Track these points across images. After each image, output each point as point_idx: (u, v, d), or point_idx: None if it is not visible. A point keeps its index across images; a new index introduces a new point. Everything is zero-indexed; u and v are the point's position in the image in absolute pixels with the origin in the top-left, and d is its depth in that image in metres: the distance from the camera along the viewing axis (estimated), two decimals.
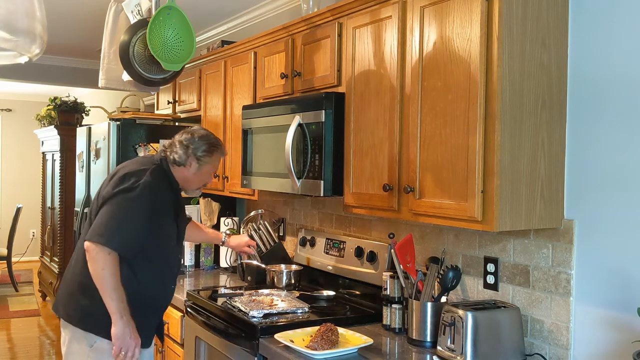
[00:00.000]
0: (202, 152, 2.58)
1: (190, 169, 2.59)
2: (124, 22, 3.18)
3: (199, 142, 2.59)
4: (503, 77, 1.90)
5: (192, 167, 2.59)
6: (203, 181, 2.67)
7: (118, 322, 2.31)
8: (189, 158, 2.57)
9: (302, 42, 2.84)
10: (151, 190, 2.43)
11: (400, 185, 2.23)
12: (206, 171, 2.63)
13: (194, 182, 2.64)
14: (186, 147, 2.57)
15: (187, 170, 2.59)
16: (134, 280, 2.43)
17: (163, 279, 2.57)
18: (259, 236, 3.43)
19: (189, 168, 2.58)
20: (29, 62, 1.56)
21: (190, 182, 2.64)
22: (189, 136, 2.60)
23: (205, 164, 2.60)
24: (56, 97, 7.06)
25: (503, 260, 2.27)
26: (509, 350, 2.07)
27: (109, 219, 2.37)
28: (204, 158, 2.58)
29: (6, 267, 7.93)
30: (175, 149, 2.58)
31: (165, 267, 2.56)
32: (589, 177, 2.02)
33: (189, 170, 2.59)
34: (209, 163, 2.61)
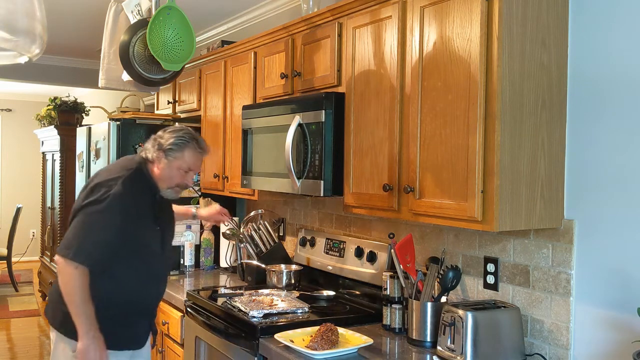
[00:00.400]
0: (169, 145, 2.45)
1: (160, 165, 2.48)
2: (124, 22, 3.18)
3: (168, 136, 2.48)
4: (503, 77, 1.90)
5: (160, 162, 2.47)
6: (174, 180, 2.50)
7: (83, 337, 2.27)
8: (157, 152, 2.47)
9: (302, 42, 2.84)
10: (121, 201, 2.35)
11: (400, 185, 2.23)
12: (176, 167, 2.47)
13: (164, 180, 2.50)
14: (154, 141, 2.49)
15: (157, 167, 2.48)
16: (117, 287, 2.41)
17: (147, 284, 2.51)
18: (259, 236, 3.43)
19: (157, 164, 2.48)
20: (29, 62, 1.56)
21: (160, 180, 2.50)
22: (161, 132, 2.53)
23: (175, 160, 2.46)
24: (56, 97, 7.06)
25: (503, 260, 2.27)
26: (509, 350, 2.07)
27: (77, 233, 2.33)
28: (171, 152, 2.45)
29: (6, 267, 7.93)
30: (148, 145, 2.51)
31: (148, 271, 2.50)
32: (589, 177, 2.02)
33: (158, 166, 2.48)
34: (178, 159, 2.46)
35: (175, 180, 2.50)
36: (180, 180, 2.51)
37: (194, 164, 2.52)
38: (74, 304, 2.29)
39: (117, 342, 2.44)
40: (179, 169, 2.48)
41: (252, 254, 3.38)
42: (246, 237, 3.43)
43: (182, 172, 2.49)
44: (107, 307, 2.39)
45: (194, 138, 2.51)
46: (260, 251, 3.38)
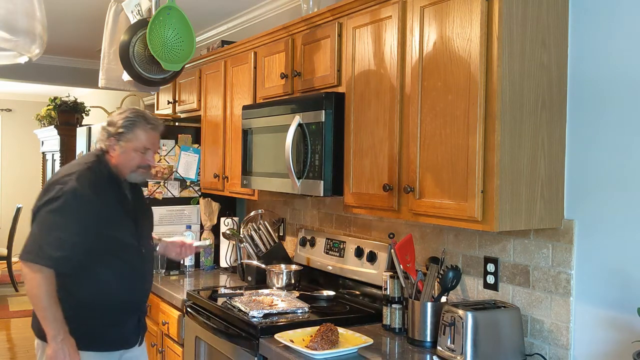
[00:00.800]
0: (118, 128, 2.37)
1: (114, 152, 2.40)
2: (124, 22, 3.18)
3: (115, 119, 2.40)
4: (503, 77, 1.89)
5: (115, 149, 2.40)
6: (133, 162, 2.42)
7: (51, 343, 2.22)
8: (109, 140, 2.40)
9: (302, 42, 2.84)
10: (77, 197, 2.28)
11: (400, 185, 2.23)
12: (132, 149, 2.40)
13: (123, 166, 2.42)
14: (104, 129, 2.41)
15: (112, 154, 2.41)
16: (98, 287, 2.36)
17: (128, 281, 2.44)
18: (259, 236, 3.43)
19: (112, 151, 2.40)
20: (29, 62, 1.56)
21: (120, 167, 2.42)
22: (109, 118, 2.45)
23: (128, 142, 2.39)
24: (56, 97, 7.06)
25: (503, 260, 2.27)
26: (509, 350, 2.07)
27: (35, 235, 2.27)
28: (123, 135, 2.38)
29: (6, 267, 7.93)
30: (100, 135, 2.43)
31: (128, 267, 2.43)
32: (589, 177, 2.01)
33: (113, 154, 2.40)
34: (131, 140, 2.39)
35: (135, 162, 2.42)
36: (141, 162, 2.43)
37: (149, 142, 2.43)
38: (40, 308, 2.23)
39: (105, 344, 2.41)
40: (135, 151, 2.41)
41: (252, 254, 3.38)
42: (246, 237, 3.43)
43: (140, 153, 2.42)
44: (92, 309, 2.36)
45: (141, 115, 2.43)
46: (260, 251, 3.38)
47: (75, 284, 2.33)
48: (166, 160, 3.92)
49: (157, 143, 2.50)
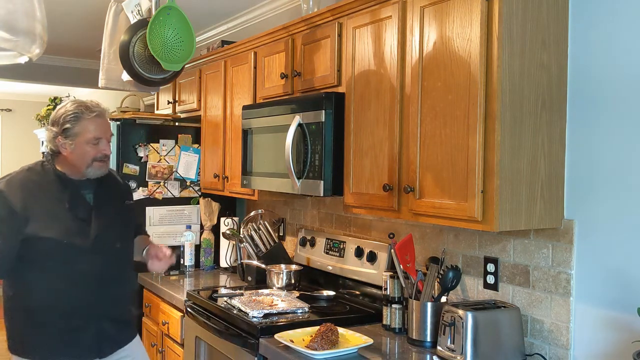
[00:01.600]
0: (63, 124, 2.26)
1: (65, 150, 2.28)
2: (124, 22, 3.18)
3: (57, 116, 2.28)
4: (503, 77, 1.89)
5: (65, 147, 2.28)
6: (89, 156, 2.29)
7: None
8: (55, 139, 2.28)
9: (302, 42, 2.84)
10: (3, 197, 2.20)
11: (400, 185, 2.23)
12: (84, 142, 2.27)
13: (78, 162, 2.30)
14: (49, 131, 2.30)
15: (64, 153, 2.29)
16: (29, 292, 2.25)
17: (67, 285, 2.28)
18: (259, 236, 3.43)
19: (63, 150, 2.29)
20: (29, 62, 1.56)
21: (75, 164, 2.30)
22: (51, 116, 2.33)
23: (77, 136, 2.27)
24: (56, 97, 7.07)
25: (503, 260, 2.27)
26: (509, 350, 2.07)
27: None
28: (68, 130, 2.26)
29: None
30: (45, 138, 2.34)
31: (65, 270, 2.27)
32: (588, 177, 2.01)
33: (65, 152, 2.29)
34: (79, 133, 2.26)
35: (89, 156, 2.30)
36: (95, 154, 2.30)
37: (97, 131, 2.30)
38: None
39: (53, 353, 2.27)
40: (87, 143, 2.28)
41: (252, 254, 3.38)
42: (246, 237, 3.43)
43: (92, 144, 2.29)
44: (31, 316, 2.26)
45: (82, 105, 2.31)
46: (260, 251, 3.38)
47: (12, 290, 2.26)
48: (166, 160, 3.93)
49: (107, 130, 2.36)
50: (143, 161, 3.90)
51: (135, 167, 3.89)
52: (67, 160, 2.31)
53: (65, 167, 2.34)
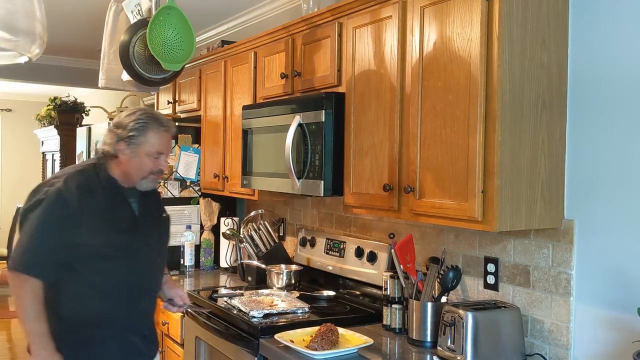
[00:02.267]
0: (129, 131, 2.18)
1: (124, 156, 2.20)
2: (124, 22, 3.18)
3: (125, 121, 2.20)
4: (503, 77, 1.89)
5: (125, 154, 2.20)
6: (146, 168, 2.23)
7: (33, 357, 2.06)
8: (117, 144, 2.20)
9: (302, 42, 2.84)
10: (62, 198, 2.11)
11: (401, 185, 2.23)
12: (144, 154, 2.20)
13: (134, 172, 2.22)
14: (111, 132, 2.22)
15: (122, 159, 2.21)
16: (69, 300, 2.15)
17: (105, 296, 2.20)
18: (259, 236, 3.43)
19: (122, 156, 2.20)
20: (29, 62, 1.56)
21: (130, 173, 2.22)
22: (115, 121, 2.25)
23: (140, 146, 2.19)
24: (56, 97, 7.06)
25: (503, 260, 2.27)
26: (509, 350, 2.06)
27: (21, 242, 2.12)
28: (134, 139, 2.18)
29: (6, 267, 7.92)
30: (106, 139, 2.23)
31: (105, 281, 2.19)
32: (589, 177, 2.01)
33: (123, 158, 2.21)
34: (143, 144, 2.19)
35: (146, 168, 2.23)
36: (153, 167, 2.24)
37: (161, 146, 2.24)
38: (24, 320, 2.08)
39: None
40: (147, 155, 2.21)
41: (252, 254, 3.38)
42: (246, 237, 3.43)
43: (152, 158, 2.22)
44: (68, 325, 2.16)
45: (153, 117, 2.24)
46: (260, 251, 3.38)
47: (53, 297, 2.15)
48: None
49: (169, 146, 2.31)
50: None
51: None
52: (122, 166, 2.23)
53: (118, 173, 2.25)
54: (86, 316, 2.18)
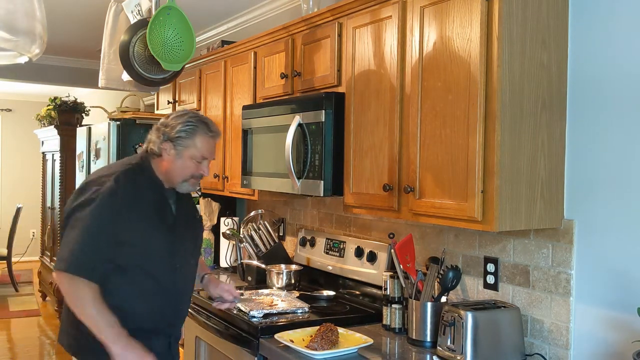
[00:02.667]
0: (177, 132, 2.16)
1: (168, 157, 2.19)
2: (124, 22, 3.18)
3: (173, 122, 2.18)
4: (503, 77, 1.89)
5: (169, 154, 2.18)
6: (188, 171, 2.21)
7: (112, 349, 2.02)
8: (163, 143, 2.18)
9: (302, 42, 2.84)
10: (112, 199, 2.08)
11: (400, 185, 2.23)
12: (189, 157, 2.19)
13: (176, 174, 2.20)
14: (158, 131, 2.19)
15: (165, 159, 2.19)
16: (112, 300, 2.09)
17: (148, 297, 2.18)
18: (259, 236, 3.43)
19: (166, 155, 2.19)
20: (29, 62, 1.56)
21: (172, 174, 2.20)
22: (163, 119, 2.22)
23: (185, 149, 2.18)
24: (56, 97, 7.07)
25: (503, 260, 2.27)
26: (509, 350, 2.07)
27: (69, 241, 2.07)
28: (180, 141, 2.17)
29: (6, 267, 7.93)
30: (152, 137, 2.21)
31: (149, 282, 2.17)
32: (589, 177, 2.01)
33: (167, 159, 2.19)
34: (189, 147, 2.18)
35: (189, 171, 2.21)
36: (195, 171, 2.22)
37: (207, 151, 2.22)
38: (89, 318, 2.03)
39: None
40: (191, 159, 2.19)
41: (252, 254, 3.38)
42: (246, 237, 3.43)
43: (196, 161, 2.21)
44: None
45: (202, 121, 2.22)
46: (260, 251, 3.38)
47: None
48: None
49: (214, 152, 2.27)
50: None
51: None
52: (164, 167, 2.21)
53: (160, 172, 2.23)
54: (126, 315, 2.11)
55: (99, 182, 2.12)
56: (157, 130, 2.22)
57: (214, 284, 2.53)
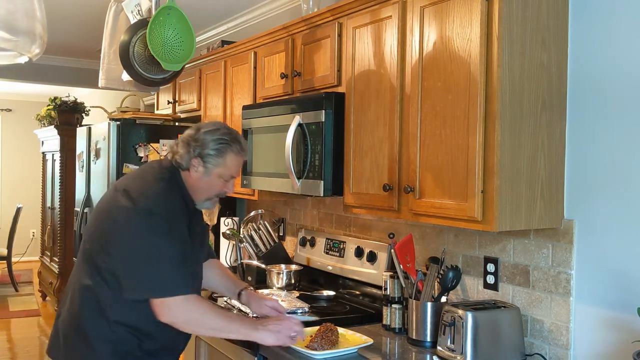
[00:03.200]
0: (209, 150, 2.06)
1: (196, 174, 2.08)
2: (124, 22, 3.18)
3: (204, 138, 2.08)
4: (503, 77, 1.89)
5: (197, 171, 2.08)
6: (214, 190, 2.13)
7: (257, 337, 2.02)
8: (192, 159, 2.07)
9: (302, 42, 2.84)
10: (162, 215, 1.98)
11: (400, 185, 2.23)
12: (217, 175, 2.10)
13: (202, 191, 2.12)
14: (187, 145, 2.08)
15: (192, 175, 2.09)
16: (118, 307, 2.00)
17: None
18: (259, 236, 3.43)
19: (193, 172, 2.08)
20: (29, 62, 1.56)
21: (197, 191, 2.11)
22: (193, 131, 2.10)
23: (215, 167, 2.08)
24: (56, 97, 7.07)
25: (503, 260, 2.27)
26: (509, 350, 2.07)
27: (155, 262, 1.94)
28: (211, 159, 2.07)
29: (6, 267, 7.93)
30: (178, 148, 2.11)
31: None
32: (589, 177, 2.01)
33: (194, 175, 2.09)
34: (219, 166, 2.08)
35: (215, 189, 2.13)
36: (221, 189, 2.14)
37: (236, 170, 2.14)
38: (219, 326, 2.01)
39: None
40: (220, 177, 2.10)
41: (252, 254, 3.38)
42: (246, 237, 3.43)
43: (223, 180, 2.12)
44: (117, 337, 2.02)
45: (235, 139, 2.11)
46: (260, 251, 3.38)
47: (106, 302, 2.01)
48: None
49: (239, 171, 2.18)
50: (143, 161, 3.90)
51: (135, 167, 3.89)
52: (190, 182, 2.10)
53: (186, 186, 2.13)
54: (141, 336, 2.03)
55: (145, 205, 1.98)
56: (186, 144, 2.09)
57: (257, 303, 2.34)
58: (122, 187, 2.05)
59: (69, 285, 2.15)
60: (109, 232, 2.01)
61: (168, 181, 2.07)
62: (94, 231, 2.07)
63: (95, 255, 2.03)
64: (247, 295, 2.37)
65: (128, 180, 2.10)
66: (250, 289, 2.42)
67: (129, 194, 2.01)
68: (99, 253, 2.02)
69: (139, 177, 2.12)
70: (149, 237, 1.95)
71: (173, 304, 1.95)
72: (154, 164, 2.18)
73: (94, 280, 2.02)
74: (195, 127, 2.13)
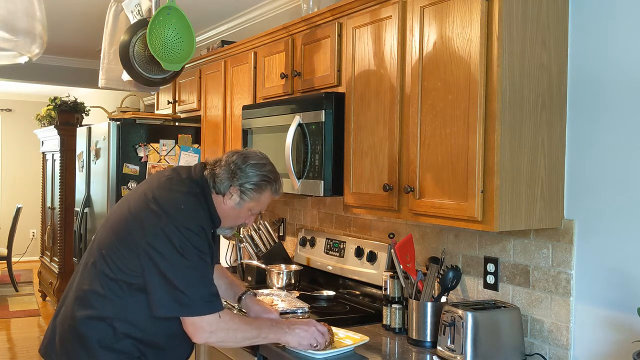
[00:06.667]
0: (250, 184, 2.05)
1: (229, 201, 2.07)
2: (124, 22, 3.18)
3: (249, 171, 2.06)
4: (503, 77, 1.90)
5: (231, 199, 2.06)
6: (240, 220, 2.14)
7: (287, 338, 2.06)
8: (231, 187, 2.05)
9: (302, 42, 2.84)
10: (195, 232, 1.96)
11: (401, 185, 2.23)
12: (248, 208, 2.10)
13: (230, 220, 2.12)
14: (232, 173, 2.05)
15: (225, 202, 2.07)
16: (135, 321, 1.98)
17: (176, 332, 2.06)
18: (259, 236, 3.43)
19: (228, 199, 2.06)
20: (29, 62, 1.56)
21: (224, 218, 2.10)
22: (240, 160, 2.07)
23: (249, 201, 2.07)
24: (56, 97, 7.07)
25: (503, 260, 2.27)
26: (509, 350, 2.07)
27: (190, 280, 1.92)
28: (249, 192, 2.06)
29: (6, 267, 7.93)
30: (219, 171, 2.06)
31: None
32: (589, 177, 2.02)
33: (227, 203, 2.07)
34: (254, 200, 2.07)
35: (240, 220, 2.14)
36: (244, 220, 2.15)
37: (265, 207, 2.16)
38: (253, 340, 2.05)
39: None
40: (249, 210, 2.11)
41: (252, 254, 3.38)
42: (246, 237, 3.43)
43: (251, 213, 2.13)
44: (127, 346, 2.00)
45: (278, 179, 2.12)
46: (260, 251, 3.38)
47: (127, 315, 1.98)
48: (166, 160, 3.92)
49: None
50: (143, 161, 3.90)
51: (135, 167, 3.89)
52: (220, 208, 2.08)
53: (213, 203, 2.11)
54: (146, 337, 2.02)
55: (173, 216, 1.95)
56: (230, 170, 2.05)
57: (255, 314, 2.35)
58: (151, 196, 2.01)
59: (70, 287, 2.10)
60: (137, 244, 1.95)
61: (199, 196, 2.04)
62: (115, 239, 2.00)
63: (111, 263, 1.98)
64: (248, 301, 2.39)
65: (159, 191, 2.04)
66: (250, 293, 2.42)
67: (161, 207, 1.97)
68: (120, 262, 1.97)
69: (167, 188, 2.05)
70: (184, 254, 1.92)
71: (207, 323, 1.94)
72: (182, 174, 2.11)
73: (105, 287, 1.97)
74: (242, 156, 2.09)
